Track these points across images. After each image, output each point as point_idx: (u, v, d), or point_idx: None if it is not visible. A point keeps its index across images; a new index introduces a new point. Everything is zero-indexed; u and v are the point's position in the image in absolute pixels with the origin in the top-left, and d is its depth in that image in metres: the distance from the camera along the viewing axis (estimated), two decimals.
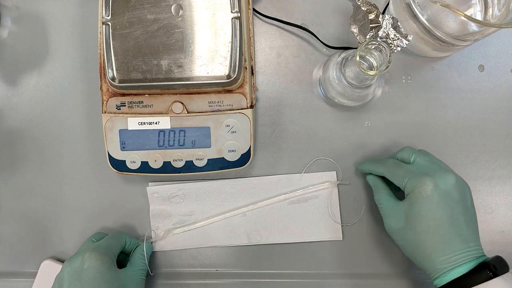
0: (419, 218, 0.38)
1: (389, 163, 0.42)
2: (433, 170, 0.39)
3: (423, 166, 0.40)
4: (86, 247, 0.43)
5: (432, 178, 0.38)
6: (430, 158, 0.41)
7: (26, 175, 0.49)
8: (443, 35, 0.41)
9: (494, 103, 0.49)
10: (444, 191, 0.38)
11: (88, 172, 0.49)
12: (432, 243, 0.37)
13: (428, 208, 0.37)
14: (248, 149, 0.44)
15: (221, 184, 0.48)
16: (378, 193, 0.43)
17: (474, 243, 0.37)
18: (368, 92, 0.45)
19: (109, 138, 0.44)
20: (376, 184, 0.44)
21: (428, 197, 0.37)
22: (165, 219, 0.48)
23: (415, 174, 0.39)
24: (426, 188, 0.37)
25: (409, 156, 0.42)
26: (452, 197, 0.38)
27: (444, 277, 0.37)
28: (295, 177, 0.48)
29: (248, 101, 0.44)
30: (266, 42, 0.49)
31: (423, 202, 0.38)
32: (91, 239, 0.45)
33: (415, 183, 0.38)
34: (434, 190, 0.37)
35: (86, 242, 0.45)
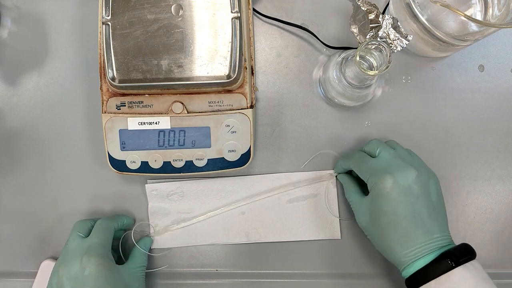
0: (381, 214, 0.38)
1: (355, 157, 0.43)
2: (394, 166, 0.39)
3: (386, 161, 0.40)
4: (78, 247, 0.41)
5: (392, 175, 0.38)
6: (396, 152, 0.41)
7: (26, 175, 0.49)
8: (443, 35, 0.41)
9: (494, 103, 0.49)
10: (404, 187, 0.38)
11: (88, 172, 0.49)
12: (394, 237, 0.38)
13: (388, 204, 0.38)
14: (248, 149, 0.44)
15: (220, 182, 0.48)
16: (347, 190, 0.44)
17: (439, 234, 0.38)
18: (368, 92, 0.45)
19: (109, 138, 0.44)
20: (345, 181, 0.46)
21: (388, 194, 0.38)
22: (164, 217, 0.48)
23: (376, 171, 0.39)
24: (385, 185, 0.38)
25: (375, 149, 0.42)
26: (412, 192, 0.38)
27: (408, 269, 0.38)
28: (294, 175, 0.48)
29: (248, 101, 0.44)
30: (266, 42, 0.49)
31: (383, 199, 0.38)
32: (76, 233, 0.43)
33: (376, 180, 0.39)
34: (393, 187, 0.38)
35: (74, 239, 0.42)
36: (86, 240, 0.42)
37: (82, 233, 0.43)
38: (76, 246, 0.41)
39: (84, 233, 0.43)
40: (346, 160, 0.45)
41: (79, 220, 0.45)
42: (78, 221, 0.45)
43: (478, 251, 0.48)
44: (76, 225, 0.44)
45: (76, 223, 0.45)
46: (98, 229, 0.43)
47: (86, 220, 0.45)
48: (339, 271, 0.48)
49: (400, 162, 0.40)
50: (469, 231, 0.48)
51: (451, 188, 0.49)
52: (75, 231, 0.43)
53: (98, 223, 0.44)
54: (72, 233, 0.43)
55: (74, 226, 0.44)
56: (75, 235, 0.43)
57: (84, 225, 0.44)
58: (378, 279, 0.48)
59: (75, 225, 0.44)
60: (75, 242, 0.42)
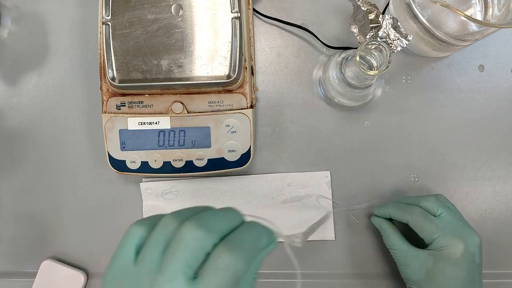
0: (442, 277, 0.38)
1: (416, 213, 0.41)
2: (460, 230, 0.40)
3: (450, 224, 0.40)
4: None
5: (463, 240, 0.39)
6: (455, 214, 0.42)
7: (26, 175, 0.49)
8: (443, 35, 0.41)
9: (494, 103, 0.49)
10: (471, 254, 0.39)
11: (88, 172, 0.49)
12: None
13: (453, 269, 0.38)
14: (248, 149, 0.44)
15: (215, 181, 0.48)
16: (390, 238, 0.42)
17: None
18: (368, 92, 0.45)
19: (109, 138, 0.44)
20: (385, 228, 0.43)
21: (457, 259, 0.38)
22: None
23: (445, 233, 0.39)
24: (456, 250, 0.38)
25: (435, 209, 0.41)
26: (474, 260, 0.39)
27: None
28: (289, 176, 0.48)
29: (248, 101, 0.44)
30: (266, 42, 0.49)
31: (450, 263, 0.38)
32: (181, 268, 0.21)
33: (445, 243, 0.39)
34: (463, 253, 0.38)
35: None
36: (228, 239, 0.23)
37: (190, 267, 0.22)
38: None
39: (193, 267, 0.22)
40: (401, 213, 0.42)
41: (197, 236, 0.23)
42: (187, 227, 0.23)
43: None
44: (191, 246, 0.22)
45: (192, 242, 0.22)
46: (243, 231, 0.24)
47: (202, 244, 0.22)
48: (333, 272, 0.48)
49: (463, 226, 0.40)
50: None
51: (451, 188, 0.49)
52: (179, 264, 0.21)
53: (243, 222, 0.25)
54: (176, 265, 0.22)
55: (185, 246, 0.22)
56: (178, 273, 0.21)
57: (200, 251, 0.22)
58: (371, 279, 0.48)
59: (191, 245, 0.22)
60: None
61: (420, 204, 0.42)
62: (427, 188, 0.48)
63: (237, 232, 0.24)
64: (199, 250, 0.22)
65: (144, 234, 0.24)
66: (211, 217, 0.24)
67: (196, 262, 0.22)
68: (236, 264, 0.21)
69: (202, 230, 0.22)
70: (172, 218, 0.23)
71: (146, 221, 0.24)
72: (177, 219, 0.23)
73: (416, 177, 0.49)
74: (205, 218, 0.23)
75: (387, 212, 0.44)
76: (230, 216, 0.24)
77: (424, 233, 0.40)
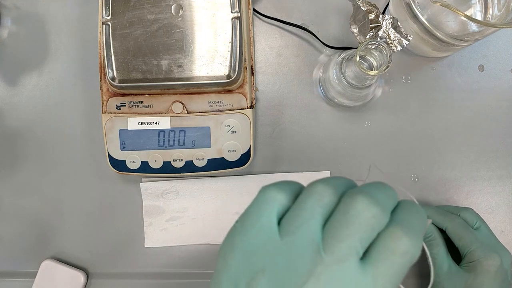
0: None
1: (456, 222, 0.42)
2: (497, 246, 0.41)
3: (488, 238, 0.41)
4: None
5: (498, 255, 0.39)
6: (490, 229, 0.43)
7: (26, 175, 0.49)
8: (443, 35, 0.41)
9: (494, 103, 0.49)
10: (505, 270, 0.39)
11: (88, 172, 0.49)
12: None
13: (490, 284, 0.38)
14: (248, 149, 0.44)
15: (215, 181, 0.48)
16: (437, 247, 0.41)
17: None
18: (368, 92, 0.45)
19: (109, 138, 0.44)
20: (435, 237, 0.42)
21: (493, 274, 0.38)
22: (158, 216, 0.48)
23: (483, 246, 0.40)
24: (494, 264, 0.39)
25: (474, 221, 0.42)
26: (507, 277, 0.40)
27: None
28: (289, 176, 0.48)
29: (248, 101, 0.44)
30: (266, 42, 0.49)
31: (487, 277, 0.38)
32: None
33: (482, 255, 0.39)
34: (499, 268, 0.39)
35: None
36: None
37: (363, 248, 0.19)
38: None
39: None
40: (443, 219, 0.42)
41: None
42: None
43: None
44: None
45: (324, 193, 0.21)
46: None
47: None
48: None
49: (498, 242, 0.42)
50: None
51: (451, 188, 0.49)
52: None
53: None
54: None
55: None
56: None
57: None
58: None
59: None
60: None
61: (460, 213, 0.43)
62: (427, 188, 0.48)
63: (403, 211, 0.21)
64: (373, 230, 0.19)
65: (286, 201, 0.20)
66: (379, 192, 0.20)
67: (368, 242, 0.19)
68: (414, 250, 0.19)
69: (377, 207, 0.19)
70: (327, 187, 0.20)
71: (287, 185, 0.21)
72: (334, 189, 0.20)
73: (416, 177, 0.49)
74: (374, 193, 0.20)
75: (428, 213, 0.44)
76: (392, 193, 0.22)
77: (461, 242, 0.41)
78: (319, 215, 0.19)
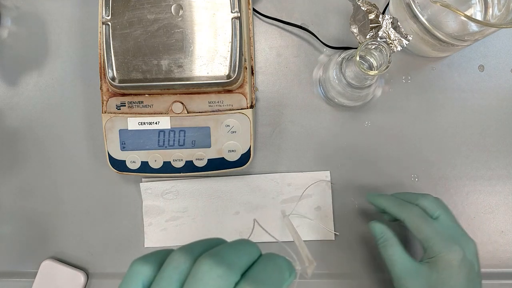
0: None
1: (414, 213, 0.39)
2: (458, 236, 0.38)
3: (448, 228, 0.38)
4: None
5: (461, 247, 0.37)
6: (451, 217, 0.40)
7: (26, 175, 0.49)
8: (443, 35, 0.41)
9: (494, 103, 0.49)
10: (470, 262, 0.37)
11: (88, 172, 0.49)
12: None
13: (455, 279, 0.36)
14: (248, 149, 0.44)
15: (215, 181, 0.48)
16: (391, 248, 0.39)
17: None
18: (368, 92, 0.45)
19: (109, 138, 0.44)
20: (389, 238, 0.39)
21: (457, 268, 0.36)
22: (158, 216, 0.48)
23: (443, 238, 0.37)
24: (456, 257, 0.36)
25: (434, 209, 0.39)
26: (473, 268, 0.37)
27: None
28: (289, 175, 0.48)
29: (248, 101, 0.44)
30: (266, 42, 0.49)
31: (451, 273, 0.36)
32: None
33: (443, 249, 0.37)
34: (462, 260, 0.36)
35: None
36: None
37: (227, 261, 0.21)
38: None
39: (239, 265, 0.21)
40: (397, 208, 0.40)
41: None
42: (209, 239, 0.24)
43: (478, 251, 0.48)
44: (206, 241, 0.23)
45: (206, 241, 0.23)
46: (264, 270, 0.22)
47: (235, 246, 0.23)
48: (333, 272, 0.48)
49: (460, 232, 0.39)
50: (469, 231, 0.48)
51: (451, 188, 0.49)
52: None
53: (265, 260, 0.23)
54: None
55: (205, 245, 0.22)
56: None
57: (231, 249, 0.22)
58: (371, 279, 0.48)
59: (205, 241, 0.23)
60: None
61: (419, 202, 0.40)
62: (427, 188, 0.48)
63: (258, 267, 0.22)
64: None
65: (150, 273, 0.21)
66: (228, 251, 0.21)
67: None
68: None
69: (222, 267, 0.20)
70: (183, 254, 0.21)
71: (152, 257, 0.22)
72: (189, 255, 0.21)
73: (416, 177, 0.49)
74: (222, 253, 0.21)
75: (383, 204, 0.41)
76: (248, 249, 0.22)
77: (420, 235, 0.38)
78: (176, 282, 0.20)
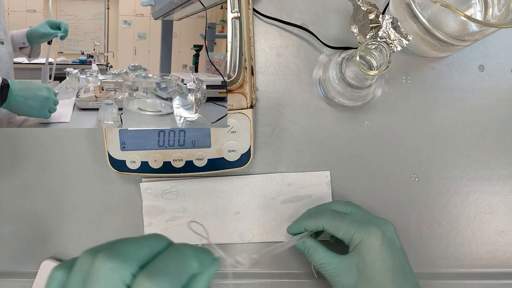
0: (374, 270, 0.37)
1: (328, 215, 0.40)
2: (373, 220, 0.39)
3: (362, 216, 0.40)
4: None
5: (378, 227, 0.38)
6: (363, 210, 0.41)
7: (26, 175, 0.49)
8: (443, 35, 0.41)
9: (494, 103, 0.49)
10: (390, 239, 0.38)
11: (88, 172, 0.49)
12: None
13: (380, 258, 0.37)
14: (248, 149, 0.44)
15: (215, 181, 0.48)
16: (317, 253, 0.40)
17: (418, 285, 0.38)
18: (368, 92, 0.45)
19: (109, 138, 0.44)
20: (310, 245, 0.40)
21: (379, 247, 0.37)
22: (158, 216, 0.48)
23: (360, 224, 0.38)
24: (376, 237, 0.37)
25: (345, 208, 0.41)
26: (396, 244, 0.38)
27: None
28: (289, 176, 0.48)
29: (248, 101, 0.44)
30: (266, 42, 0.49)
31: (375, 253, 0.37)
32: (132, 257, 0.22)
33: (363, 234, 0.38)
34: (383, 239, 0.37)
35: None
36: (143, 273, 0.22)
37: (139, 261, 0.22)
38: None
39: (141, 261, 0.22)
40: (314, 221, 0.41)
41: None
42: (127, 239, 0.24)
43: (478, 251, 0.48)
44: (122, 241, 0.23)
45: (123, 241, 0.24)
46: (169, 265, 0.23)
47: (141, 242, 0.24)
48: None
49: (374, 217, 0.40)
50: (469, 231, 0.48)
51: (451, 188, 0.49)
52: (131, 255, 0.22)
53: (170, 252, 0.24)
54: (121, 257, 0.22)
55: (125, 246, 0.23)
56: (128, 262, 0.22)
57: (143, 247, 0.23)
58: None
59: (122, 241, 0.23)
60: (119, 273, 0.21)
61: (329, 207, 0.42)
62: (427, 188, 0.48)
63: (160, 257, 0.23)
64: (116, 283, 0.21)
65: (64, 277, 0.23)
66: (126, 245, 0.22)
67: None
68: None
69: (115, 260, 0.21)
70: (86, 254, 0.22)
71: (67, 263, 0.23)
72: (91, 254, 0.22)
73: (416, 177, 0.49)
74: (119, 247, 0.22)
75: (300, 225, 0.42)
76: (151, 242, 0.23)
77: (340, 232, 0.39)
78: (80, 282, 0.22)
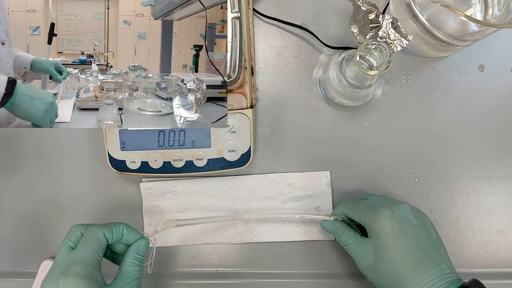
0: (386, 249, 0.38)
1: (349, 202, 0.43)
2: (387, 202, 0.41)
3: (378, 200, 0.42)
4: (60, 263, 0.36)
5: (388, 208, 0.39)
6: (381, 196, 0.44)
7: (26, 175, 0.49)
8: (443, 35, 0.41)
9: (494, 103, 0.49)
10: (402, 218, 0.39)
11: (88, 172, 0.49)
12: (404, 271, 0.37)
13: (392, 237, 0.38)
14: (248, 149, 0.44)
15: (215, 181, 0.48)
16: (344, 234, 0.42)
17: (446, 266, 0.37)
18: (368, 92, 0.45)
19: (109, 138, 0.44)
20: (338, 227, 0.43)
21: (389, 226, 0.38)
22: (158, 216, 0.48)
23: (372, 207, 0.40)
24: (383, 217, 0.39)
25: (364, 196, 0.44)
26: (411, 223, 0.39)
27: None
28: (289, 176, 0.48)
29: (248, 101, 0.44)
30: (266, 42, 0.49)
31: (385, 232, 0.38)
32: (67, 241, 0.37)
33: (374, 216, 0.39)
34: (392, 218, 0.39)
35: (62, 250, 0.37)
36: (70, 254, 0.36)
37: (73, 242, 0.37)
38: (59, 261, 0.36)
39: (74, 242, 0.37)
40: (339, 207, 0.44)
41: (77, 223, 0.39)
42: (74, 225, 0.39)
43: (478, 251, 0.48)
44: (70, 231, 0.38)
45: (71, 228, 0.38)
46: (84, 240, 0.37)
47: (83, 225, 0.39)
48: (332, 272, 0.48)
49: (392, 200, 0.42)
50: (469, 231, 0.48)
51: (451, 188, 0.49)
52: (66, 239, 0.37)
53: (86, 232, 0.37)
54: (64, 241, 0.37)
55: (68, 232, 0.38)
56: (65, 244, 0.37)
57: (77, 231, 0.38)
58: None
59: (69, 231, 0.38)
60: (61, 254, 0.37)
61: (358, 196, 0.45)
62: (427, 188, 0.49)
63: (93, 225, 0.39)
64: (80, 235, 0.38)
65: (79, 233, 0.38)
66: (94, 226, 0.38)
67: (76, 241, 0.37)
68: (94, 234, 0.37)
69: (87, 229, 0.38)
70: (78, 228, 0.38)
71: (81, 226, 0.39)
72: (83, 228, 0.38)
73: (416, 177, 0.49)
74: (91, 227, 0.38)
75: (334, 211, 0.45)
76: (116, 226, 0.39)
77: (357, 216, 0.41)
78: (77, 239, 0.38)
